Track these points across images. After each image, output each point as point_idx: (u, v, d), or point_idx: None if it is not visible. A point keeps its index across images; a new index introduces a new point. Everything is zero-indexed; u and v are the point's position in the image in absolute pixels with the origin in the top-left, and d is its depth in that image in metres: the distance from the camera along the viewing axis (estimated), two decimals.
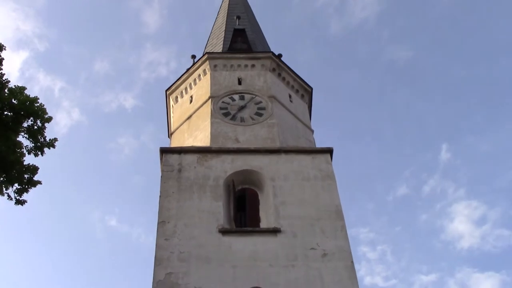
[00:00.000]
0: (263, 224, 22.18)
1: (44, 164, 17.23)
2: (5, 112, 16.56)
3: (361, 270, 18.18)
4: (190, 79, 29.97)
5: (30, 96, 16.82)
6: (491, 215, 67.21)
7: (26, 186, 17.08)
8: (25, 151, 17.09)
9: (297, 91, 30.33)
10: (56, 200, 70.70)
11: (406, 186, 69.47)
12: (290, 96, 29.43)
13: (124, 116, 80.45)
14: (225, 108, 26.93)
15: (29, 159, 17.13)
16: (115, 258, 69.38)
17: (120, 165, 75.53)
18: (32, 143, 17.21)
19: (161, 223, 21.48)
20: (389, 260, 66.88)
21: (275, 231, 21.31)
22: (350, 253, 20.90)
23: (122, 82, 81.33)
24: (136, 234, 72.21)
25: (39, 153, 17.27)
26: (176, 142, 27.64)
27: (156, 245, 20.84)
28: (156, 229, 21.37)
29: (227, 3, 38.10)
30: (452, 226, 68.17)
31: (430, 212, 67.93)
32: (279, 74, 29.70)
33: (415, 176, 69.46)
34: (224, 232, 21.21)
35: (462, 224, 68.19)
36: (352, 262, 20.62)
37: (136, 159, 77.53)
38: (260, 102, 27.28)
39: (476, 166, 68.61)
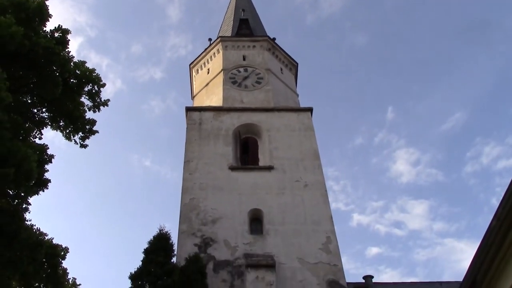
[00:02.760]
0: (261, 163, 22.36)
1: (100, 118, 17.34)
2: (71, 80, 16.55)
3: (329, 198, 18.59)
4: (207, 56, 29.77)
5: (89, 68, 16.79)
6: (423, 159, 67.56)
7: (87, 135, 17.20)
8: (86, 109, 17.16)
9: (286, 65, 30.14)
10: (108, 145, 71.04)
11: (362, 137, 69.71)
12: (281, 69, 29.28)
13: (154, 85, 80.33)
14: (233, 78, 26.87)
15: (89, 115, 17.25)
16: (149, 189, 70.10)
17: (152, 121, 75.72)
18: (91, 102, 17.26)
19: (186, 162, 21.68)
20: (349, 191, 67.48)
21: (269, 168, 21.53)
22: (324, 184, 21.12)
23: (152, 60, 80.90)
24: (164, 172, 72.74)
25: (97, 110, 17.34)
26: (197, 102, 27.64)
27: (183, 178, 21.09)
28: (181, 167, 21.65)
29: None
30: (395, 166, 68.53)
31: (379, 157, 68.32)
32: (273, 53, 29.50)
33: (368, 130, 69.73)
34: (232, 168, 21.43)
35: (402, 165, 68.50)
36: (325, 191, 20.86)
37: (163, 117, 77.76)
38: (259, 73, 27.20)
39: (413, 123, 68.90)
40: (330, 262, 18.28)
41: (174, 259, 13.27)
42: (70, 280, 21.04)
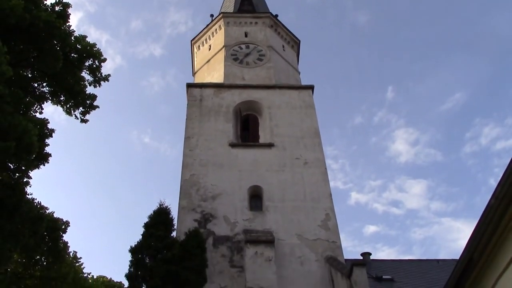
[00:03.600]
0: (262, 140, 22.34)
1: (99, 94, 17.25)
2: (72, 54, 16.43)
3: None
4: (209, 32, 29.49)
5: (90, 42, 16.66)
6: (422, 139, 67.58)
7: (88, 110, 17.15)
8: (87, 84, 17.07)
9: (288, 42, 29.89)
10: (107, 121, 71.03)
11: (361, 116, 69.59)
12: (283, 46, 29.05)
13: (153, 61, 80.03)
14: (235, 55, 26.67)
15: (89, 90, 17.17)
16: (149, 165, 70.32)
17: (151, 98, 75.57)
18: (92, 77, 17.17)
19: (187, 138, 21.67)
20: (347, 170, 67.71)
21: (270, 145, 21.52)
22: (324, 162, 21.14)
23: (152, 36, 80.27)
24: (163, 148, 72.90)
25: (97, 85, 17.25)
26: (198, 79, 27.49)
27: (183, 154, 21.10)
28: (180, 144, 21.67)
29: None
30: (394, 146, 68.63)
31: (378, 136, 68.35)
32: (276, 30, 29.21)
33: (368, 110, 69.54)
34: (232, 145, 21.43)
35: (401, 145, 68.60)
36: (325, 168, 20.89)
37: (163, 94, 77.60)
38: (261, 50, 26.99)
39: (413, 103, 68.66)
40: (329, 239, 18.41)
41: (174, 234, 13.37)
42: (71, 254, 21.28)
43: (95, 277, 25.42)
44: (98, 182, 66.71)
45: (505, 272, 7.77)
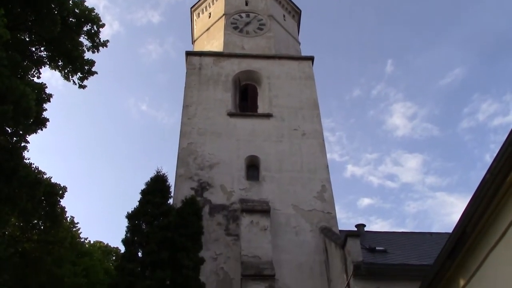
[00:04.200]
0: (260, 110, 22.30)
1: (97, 60, 17.14)
2: (70, 19, 16.24)
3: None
4: (209, 0, 29.09)
5: (88, 7, 16.45)
6: (420, 113, 67.52)
7: (86, 75, 17.05)
8: (85, 49, 16.92)
9: (289, 12, 29.53)
10: (105, 87, 70.68)
11: (360, 89, 69.36)
12: (284, 16, 28.72)
13: (151, 29, 79.12)
14: (235, 23, 26.37)
15: (88, 55, 17.04)
16: (146, 133, 70.30)
17: (148, 66, 74.97)
18: (90, 42, 17.01)
19: (185, 106, 21.59)
20: (344, 143, 67.88)
21: (268, 116, 21.50)
22: (322, 134, 21.16)
23: (150, 2, 79.23)
24: (160, 116, 72.73)
25: (95, 50, 17.10)
26: (198, 47, 27.22)
27: (181, 122, 21.07)
28: (177, 113, 21.57)
29: None
30: (391, 120, 68.59)
31: (376, 109, 68.20)
32: None
33: (366, 83, 69.26)
34: (231, 115, 21.39)
35: (399, 119, 68.53)
36: (323, 140, 20.93)
37: (160, 62, 76.98)
38: (261, 19, 26.68)
39: (412, 77, 68.32)
40: (324, 210, 18.58)
41: (170, 201, 13.46)
42: (68, 219, 21.52)
43: (92, 242, 25.79)
44: (95, 149, 66.86)
45: (497, 246, 7.89)
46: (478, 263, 8.49)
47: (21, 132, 13.87)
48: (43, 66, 16.82)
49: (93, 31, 16.83)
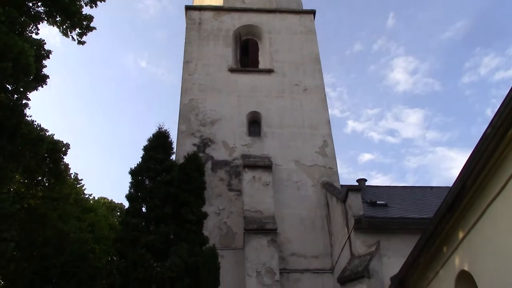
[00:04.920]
0: (261, 66, 22.12)
1: (96, 15, 16.82)
2: None
3: None
4: None
5: None
6: (421, 68, 66.54)
7: (85, 31, 16.79)
8: (82, 3, 16.61)
9: None
10: (103, 44, 69.80)
11: (361, 44, 68.12)
12: None
13: None
14: None
15: (86, 10, 16.74)
16: (147, 90, 69.91)
17: (147, 22, 73.61)
18: None
19: (186, 62, 21.42)
20: (345, 98, 67.33)
21: (269, 71, 21.35)
22: (324, 89, 21.07)
23: None
24: (160, 73, 72.06)
25: (93, 5, 16.79)
26: (197, 1, 26.68)
27: (182, 78, 20.95)
28: (177, 69, 21.38)
29: None
30: (392, 75, 67.73)
31: (377, 64, 67.23)
32: None
33: (367, 37, 67.91)
34: (232, 70, 21.24)
35: (400, 73, 67.58)
36: (325, 95, 20.87)
37: (158, 17, 75.50)
38: None
39: (414, 31, 66.99)
40: (326, 165, 18.73)
41: (173, 157, 13.56)
42: (72, 175, 21.73)
43: (96, 198, 26.12)
44: (97, 106, 66.67)
45: (496, 200, 7.98)
46: (477, 216, 8.60)
47: (21, 89, 13.80)
48: (41, 22, 16.53)
49: None
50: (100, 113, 65.95)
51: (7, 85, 13.45)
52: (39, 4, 16.31)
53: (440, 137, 64.83)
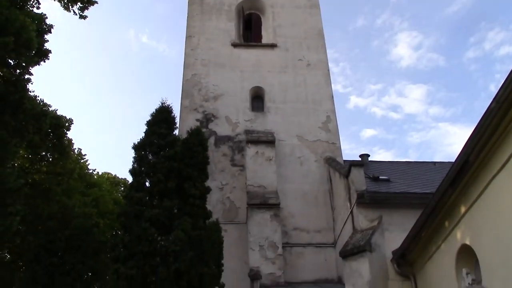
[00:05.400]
0: (264, 40, 21.91)
1: None
2: None
3: None
4: None
5: None
6: (425, 43, 65.86)
7: (86, 5, 16.66)
8: None
9: None
10: (104, 19, 69.16)
11: (364, 18, 67.26)
12: None
13: None
14: None
15: None
16: (148, 66, 69.45)
17: None
18: None
19: (188, 37, 21.25)
20: (348, 74, 66.82)
21: (272, 46, 21.17)
22: (327, 64, 20.92)
23: None
24: (162, 48, 71.41)
25: None
26: None
27: (184, 53, 20.82)
28: (178, 44, 21.31)
29: None
30: (396, 50, 67.07)
31: (380, 39, 66.52)
32: None
33: (370, 12, 66.97)
34: (235, 45, 21.07)
35: (403, 49, 66.86)
36: (328, 70, 20.74)
37: None
38: None
39: (418, 5, 66.06)
40: (329, 140, 18.74)
41: (176, 132, 13.57)
42: (76, 151, 21.81)
43: (100, 173, 26.24)
44: (99, 82, 66.39)
45: (498, 175, 7.99)
46: (479, 191, 8.63)
47: (23, 64, 13.79)
48: None
49: None
50: (102, 89, 65.86)
51: (9, 60, 13.43)
52: None
53: (443, 112, 64.67)
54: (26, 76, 14.32)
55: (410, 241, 11.34)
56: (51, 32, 15.13)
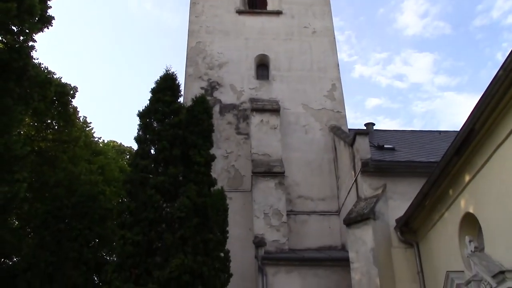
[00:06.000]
0: (269, 7, 21.54)
1: None
2: None
3: None
4: None
5: None
6: (432, 10, 64.54)
7: None
8: None
9: None
10: None
11: None
12: None
13: None
14: None
15: None
16: (151, 34, 68.65)
17: None
18: None
19: (192, 4, 20.96)
20: (353, 42, 65.72)
21: (278, 13, 20.88)
22: (333, 31, 20.66)
23: None
24: (165, 17, 70.42)
25: None
26: None
27: (189, 21, 20.57)
28: (182, 12, 20.98)
29: None
30: (402, 18, 65.76)
31: (386, 7, 65.19)
32: None
33: None
34: (239, 12, 20.78)
35: (410, 17, 65.50)
36: (334, 38, 20.50)
37: None
38: None
39: None
40: (334, 109, 18.67)
41: (181, 100, 13.53)
42: (81, 119, 21.83)
43: (105, 141, 26.31)
44: (102, 50, 65.90)
45: (504, 143, 7.97)
46: (484, 160, 8.63)
47: (27, 30, 13.68)
48: None
49: None
50: (106, 57, 65.44)
51: (12, 27, 13.32)
52: None
53: (449, 81, 63.98)
54: (30, 43, 14.22)
55: (414, 209, 11.41)
56: None
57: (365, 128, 18.81)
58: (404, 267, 11.90)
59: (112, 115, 61.88)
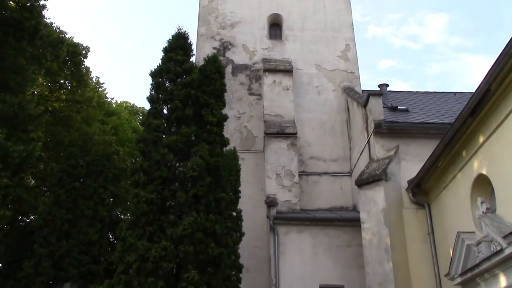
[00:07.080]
0: None
1: None
2: None
3: None
4: None
5: None
6: None
7: None
8: None
9: None
10: None
11: None
12: None
13: None
14: None
15: None
16: None
17: None
18: None
19: None
20: (366, 2, 63.69)
21: None
22: None
23: None
24: None
25: None
26: None
27: None
28: None
29: None
30: None
31: None
32: None
33: None
34: None
35: None
36: None
37: None
38: None
39: None
40: (347, 70, 18.46)
41: (193, 59, 13.43)
42: (94, 79, 21.85)
43: (118, 102, 26.40)
44: (114, 9, 65.27)
45: None
46: (499, 121, 8.53)
47: None
48: None
49: None
50: (118, 17, 64.89)
51: None
52: None
53: (465, 43, 62.77)
54: (41, 2, 14.13)
55: (426, 171, 11.39)
56: None
57: (378, 89, 18.60)
58: (414, 227, 11.96)
59: (124, 76, 61.87)
